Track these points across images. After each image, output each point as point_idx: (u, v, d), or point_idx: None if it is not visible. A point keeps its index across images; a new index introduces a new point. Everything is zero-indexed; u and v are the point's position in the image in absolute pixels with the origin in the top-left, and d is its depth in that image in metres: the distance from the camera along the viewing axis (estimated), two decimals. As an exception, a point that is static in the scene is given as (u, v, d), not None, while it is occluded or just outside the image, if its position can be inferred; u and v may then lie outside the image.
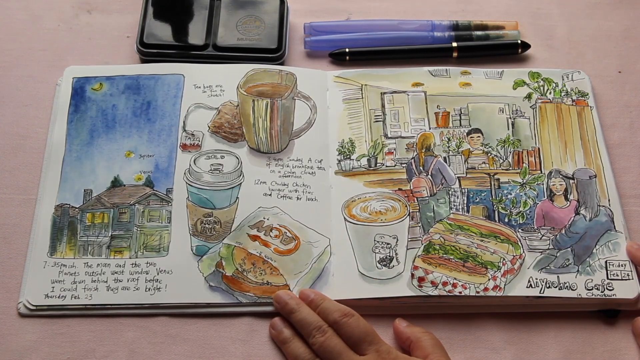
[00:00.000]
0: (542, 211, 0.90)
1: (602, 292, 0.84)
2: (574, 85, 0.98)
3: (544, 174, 0.92)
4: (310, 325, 0.81)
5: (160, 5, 1.03)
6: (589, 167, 0.93)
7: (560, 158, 0.93)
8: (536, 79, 0.98)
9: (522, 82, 0.98)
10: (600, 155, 0.93)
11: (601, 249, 0.87)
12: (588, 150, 0.94)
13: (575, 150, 0.94)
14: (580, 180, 0.92)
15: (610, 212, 0.90)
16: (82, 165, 0.92)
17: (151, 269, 0.86)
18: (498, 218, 0.90)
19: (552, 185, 0.92)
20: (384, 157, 0.94)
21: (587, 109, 0.97)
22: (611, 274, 0.85)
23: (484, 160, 0.93)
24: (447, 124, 0.96)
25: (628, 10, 1.08)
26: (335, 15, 1.06)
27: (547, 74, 0.99)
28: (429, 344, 0.80)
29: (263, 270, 0.86)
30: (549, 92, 0.98)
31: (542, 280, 0.85)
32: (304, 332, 0.81)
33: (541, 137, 0.95)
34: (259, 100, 0.94)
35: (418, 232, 0.89)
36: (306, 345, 0.81)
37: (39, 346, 0.83)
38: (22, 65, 1.01)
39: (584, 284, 0.85)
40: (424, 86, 0.98)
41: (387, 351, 0.79)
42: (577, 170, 0.92)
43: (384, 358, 0.78)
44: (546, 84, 0.98)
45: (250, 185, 0.91)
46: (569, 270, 0.86)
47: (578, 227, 0.89)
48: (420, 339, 0.80)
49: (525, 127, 0.95)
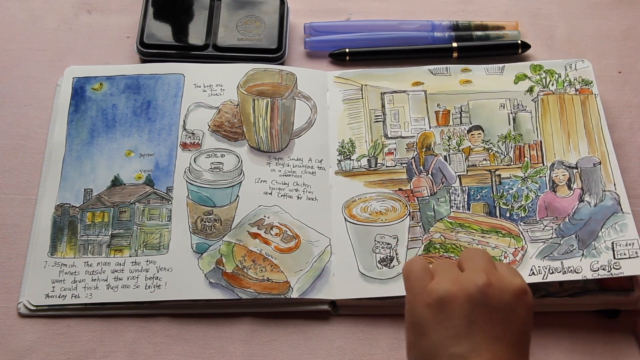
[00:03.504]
0: (544, 203, 0.90)
1: (609, 272, 0.83)
2: (578, 75, 0.98)
3: (546, 166, 0.92)
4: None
5: (160, 6, 1.03)
6: (593, 154, 0.92)
7: (563, 149, 0.93)
8: (538, 72, 0.98)
9: (524, 76, 0.98)
10: (605, 142, 0.92)
11: (607, 232, 0.86)
12: (592, 138, 0.93)
13: (579, 139, 0.93)
14: (584, 168, 0.91)
15: (617, 196, 0.88)
16: (82, 165, 0.92)
17: (151, 266, 0.86)
18: (499, 213, 0.90)
19: (555, 176, 0.91)
20: (384, 158, 0.94)
21: (591, 97, 0.96)
22: (618, 253, 0.84)
23: (485, 157, 0.93)
24: (447, 123, 0.96)
25: (628, 10, 1.08)
26: (335, 16, 1.06)
27: (550, 66, 0.99)
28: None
29: (263, 267, 0.86)
30: (551, 83, 0.97)
31: (545, 267, 0.84)
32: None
33: (543, 130, 0.94)
34: (260, 99, 0.94)
35: (418, 232, 0.89)
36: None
37: (39, 346, 0.83)
38: (22, 65, 1.01)
39: (589, 266, 0.84)
40: (424, 85, 0.98)
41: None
42: (580, 159, 0.92)
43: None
44: (548, 76, 0.98)
45: (250, 184, 0.91)
46: (573, 255, 0.85)
47: (582, 214, 0.88)
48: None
49: (527, 121, 0.95)
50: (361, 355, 0.84)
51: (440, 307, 0.68)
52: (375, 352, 0.84)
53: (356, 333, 0.85)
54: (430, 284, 0.69)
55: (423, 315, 0.68)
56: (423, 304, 0.68)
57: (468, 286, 0.68)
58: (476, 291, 0.68)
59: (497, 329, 0.67)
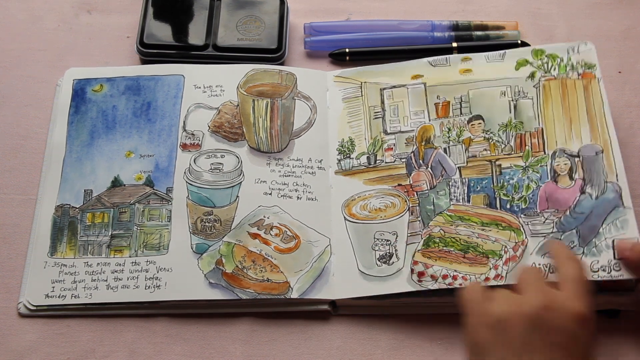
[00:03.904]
0: (545, 193, 0.89)
1: (609, 273, 0.83)
2: (580, 58, 0.95)
3: (547, 154, 0.91)
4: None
5: (160, 6, 1.03)
6: (595, 142, 0.90)
7: (565, 136, 0.91)
8: (540, 57, 0.96)
9: (525, 62, 0.96)
10: (607, 129, 0.91)
11: (608, 228, 0.85)
12: (595, 124, 0.91)
13: (582, 126, 0.91)
14: (586, 157, 0.89)
15: (618, 188, 0.87)
16: (83, 166, 0.92)
17: (151, 267, 0.86)
18: (500, 205, 0.89)
19: (557, 165, 0.90)
20: (383, 154, 0.94)
21: (594, 82, 0.94)
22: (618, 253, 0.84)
23: (485, 147, 0.92)
24: (447, 114, 0.95)
25: (628, 10, 1.07)
26: (335, 15, 1.06)
27: (552, 50, 0.96)
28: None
29: (263, 267, 0.86)
30: (553, 68, 0.95)
31: (545, 265, 0.84)
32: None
33: (545, 117, 0.93)
34: (259, 100, 0.94)
35: (418, 227, 0.89)
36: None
37: (39, 346, 0.83)
38: (22, 66, 1.01)
39: (590, 267, 0.83)
40: (423, 78, 0.97)
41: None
42: (582, 147, 0.90)
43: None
44: (550, 60, 0.95)
45: (250, 184, 0.91)
46: (574, 252, 0.84)
47: (583, 207, 0.87)
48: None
49: (528, 108, 0.94)
50: (361, 355, 0.84)
51: (499, 328, 0.71)
52: (375, 352, 0.84)
53: (356, 333, 0.85)
54: (489, 306, 0.72)
55: (483, 336, 0.71)
56: (482, 325, 0.72)
57: (525, 308, 0.71)
58: (533, 312, 0.70)
59: (556, 353, 0.69)
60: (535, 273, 0.78)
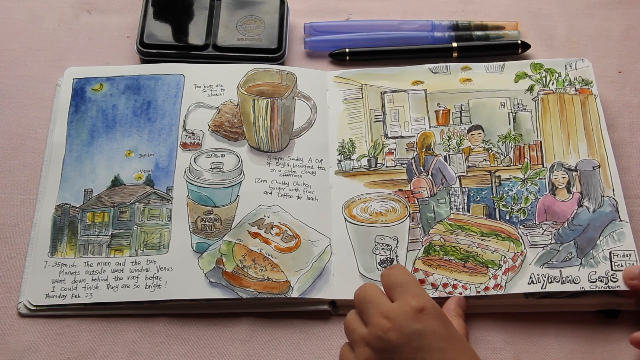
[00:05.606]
0: (543, 206, 0.90)
1: (606, 284, 0.84)
2: (578, 74, 0.97)
3: (546, 167, 0.92)
4: None
5: (160, 5, 1.03)
6: (592, 157, 0.92)
7: (563, 150, 0.93)
8: (538, 70, 0.98)
9: (524, 75, 0.98)
10: (604, 144, 0.92)
11: (605, 240, 0.87)
12: (592, 139, 0.93)
13: (579, 140, 0.93)
14: (584, 171, 0.91)
15: (615, 202, 0.89)
16: (83, 165, 0.92)
17: (151, 266, 0.86)
18: (499, 216, 0.90)
19: (555, 178, 0.91)
20: (384, 158, 0.94)
21: (590, 98, 0.96)
22: (615, 264, 0.85)
23: (484, 157, 0.93)
24: (447, 122, 0.96)
25: (628, 10, 1.08)
26: (335, 15, 1.07)
27: (550, 64, 0.98)
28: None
29: (264, 266, 0.86)
30: (551, 82, 0.97)
31: (544, 275, 0.85)
32: None
33: (543, 130, 0.94)
34: (260, 99, 0.94)
35: (418, 234, 0.89)
36: None
37: (39, 346, 0.83)
38: (22, 65, 1.01)
39: (587, 277, 0.84)
40: (424, 84, 0.98)
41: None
42: (580, 161, 0.92)
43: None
44: (549, 75, 0.97)
45: (250, 184, 0.91)
46: (572, 264, 0.85)
47: (581, 220, 0.88)
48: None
49: (527, 121, 0.95)
50: (361, 355, 0.84)
51: None
52: (375, 352, 0.84)
53: (356, 333, 0.85)
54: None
55: None
56: None
57: (370, 340, 0.71)
58: (378, 341, 0.70)
59: (418, 357, 0.68)
60: (369, 289, 0.75)
